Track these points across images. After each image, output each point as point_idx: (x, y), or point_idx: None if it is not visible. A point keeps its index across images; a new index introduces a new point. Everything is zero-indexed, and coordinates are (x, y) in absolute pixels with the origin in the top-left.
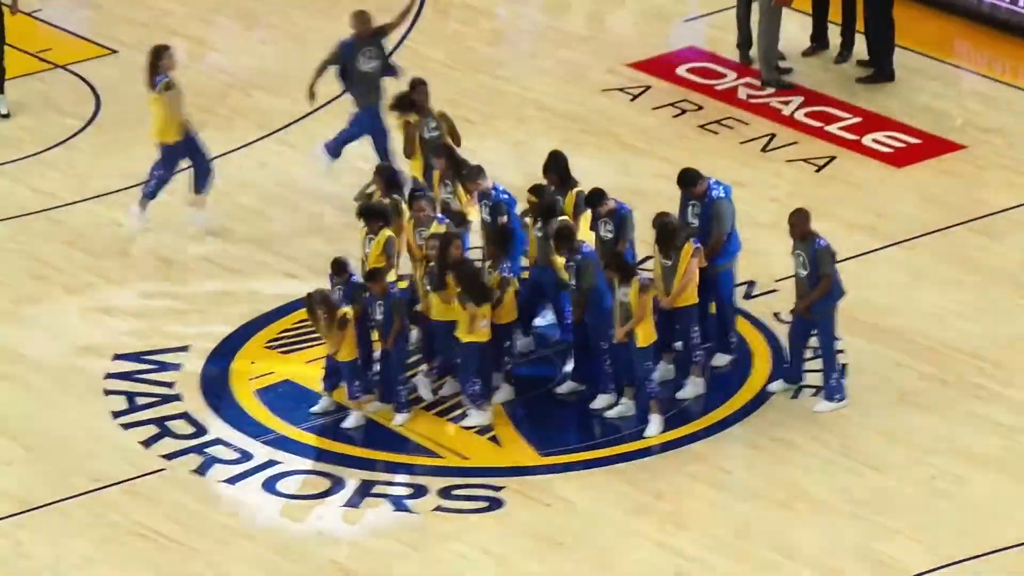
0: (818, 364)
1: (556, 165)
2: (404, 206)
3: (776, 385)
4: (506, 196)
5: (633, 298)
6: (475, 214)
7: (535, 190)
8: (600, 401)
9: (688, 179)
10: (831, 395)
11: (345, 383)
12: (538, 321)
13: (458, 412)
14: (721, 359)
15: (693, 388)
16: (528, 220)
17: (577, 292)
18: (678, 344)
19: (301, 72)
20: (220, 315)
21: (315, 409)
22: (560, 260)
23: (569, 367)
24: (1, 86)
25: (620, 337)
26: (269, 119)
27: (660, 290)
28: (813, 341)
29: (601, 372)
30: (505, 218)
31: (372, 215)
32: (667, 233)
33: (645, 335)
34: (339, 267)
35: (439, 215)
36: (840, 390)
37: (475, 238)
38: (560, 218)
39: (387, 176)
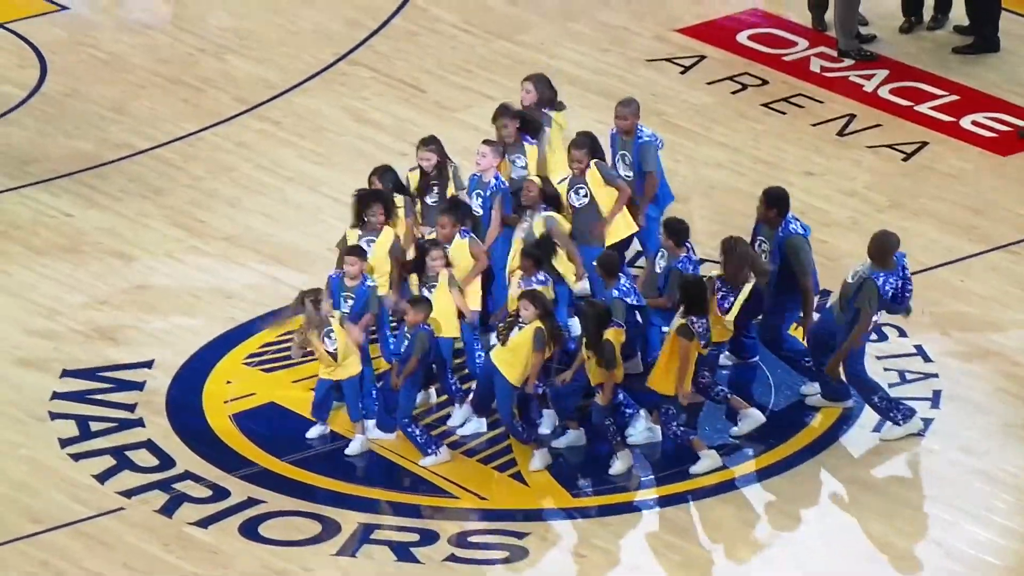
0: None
1: (590, 145)
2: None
3: (808, 388)
4: (505, 186)
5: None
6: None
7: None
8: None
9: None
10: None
11: (347, 403)
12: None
13: (474, 443)
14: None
15: (752, 421)
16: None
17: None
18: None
19: (286, 34)
20: (190, 324)
21: (311, 434)
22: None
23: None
24: None
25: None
26: (248, 91)
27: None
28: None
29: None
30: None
31: (370, 199)
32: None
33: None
34: (355, 254)
35: (463, 228)
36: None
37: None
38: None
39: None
